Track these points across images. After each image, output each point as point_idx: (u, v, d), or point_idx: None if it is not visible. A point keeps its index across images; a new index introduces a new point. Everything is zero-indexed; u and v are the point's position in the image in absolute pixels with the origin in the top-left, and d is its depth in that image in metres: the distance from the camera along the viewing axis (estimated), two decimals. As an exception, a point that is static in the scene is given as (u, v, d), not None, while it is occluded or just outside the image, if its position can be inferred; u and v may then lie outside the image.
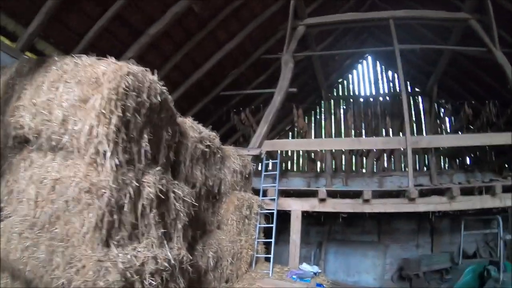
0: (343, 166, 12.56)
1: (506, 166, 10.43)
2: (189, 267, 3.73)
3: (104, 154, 2.61)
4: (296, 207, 7.48)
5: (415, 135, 11.21)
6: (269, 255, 6.60)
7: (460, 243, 6.67)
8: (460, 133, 10.76)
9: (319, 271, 6.72)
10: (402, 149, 11.88)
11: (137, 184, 2.89)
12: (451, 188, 6.92)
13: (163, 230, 3.34)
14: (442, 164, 12.02)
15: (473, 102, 9.80)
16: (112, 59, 2.85)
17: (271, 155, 9.34)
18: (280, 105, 8.32)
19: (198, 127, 4.93)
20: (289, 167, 12.90)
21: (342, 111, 12.98)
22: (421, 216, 10.34)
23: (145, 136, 3.09)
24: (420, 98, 12.72)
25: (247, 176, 6.63)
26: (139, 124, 2.94)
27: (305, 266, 6.77)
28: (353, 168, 12.50)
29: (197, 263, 4.47)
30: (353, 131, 11.86)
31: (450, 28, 9.18)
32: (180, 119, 4.44)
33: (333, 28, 10.11)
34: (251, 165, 6.84)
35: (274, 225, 6.85)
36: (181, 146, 4.44)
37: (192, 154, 4.65)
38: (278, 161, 7.84)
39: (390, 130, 11.61)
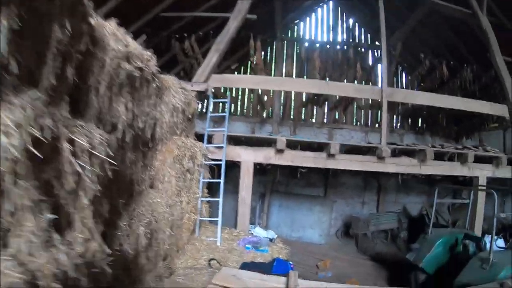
0: (292, 114, 11.41)
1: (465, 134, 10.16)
2: (106, 268, 2.23)
3: None
4: (248, 157, 6.16)
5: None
6: (215, 219, 5.29)
7: (433, 209, 6.04)
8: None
9: (275, 236, 5.63)
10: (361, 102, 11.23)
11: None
12: (424, 150, 6.23)
13: (51, 216, 1.73)
14: (394, 123, 11.47)
15: (451, 62, 8.98)
16: None
17: (215, 94, 7.70)
18: (235, 32, 6.57)
19: (125, 37, 3.11)
20: (232, 110, 11.35)
21: (296, 52, 11.45)
22: (368, 172, 9.93)
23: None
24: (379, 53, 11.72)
25: (190, 116, 5.02)
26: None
27: (259, 231, 5.65)
28: (302, 117, 11.41)
29: (121, 250, 2.96)
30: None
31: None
32: (95, 22, 2.59)
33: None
34: (196, 103, 5.21)
35: (222, 180, 5.49)
36: (93, 62, 2.62)
37: (112, 77, 2.87)
38: (228, 100, 6.28)
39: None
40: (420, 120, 11.44)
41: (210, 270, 4.10)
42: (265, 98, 10.86)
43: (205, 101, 7.50)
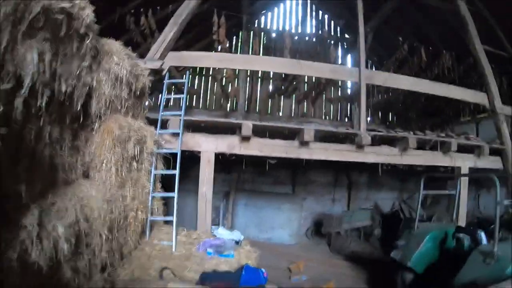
0: (257, 107, 10.67)
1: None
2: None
3: None
4: (208, 146, 5.32)
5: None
6: (170, 218, 4.41)
7: (419, 201, 5.44)
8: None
9: (241, 238, 4.82)
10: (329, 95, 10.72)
11: None
12: (406, 137, 5.72)
13: None
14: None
15: (430, 48, 8.58)
16: None
17: (173, 76, 6.78)
18: (197, 5, 5.73)
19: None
20: (193, 103, 10.42)
21: (263, 42, 10.73)
22: (338, 168, 9.44)
23: None
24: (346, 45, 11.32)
25: (138, 93, 4.10)
26: None
27: (222, 232, 4.79)
28: (269, 110, 10.70)
29: (27, 259, 2.07)
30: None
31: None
32: None
33: None
34: (147, 79, 4.31)
35: (177, 172, 4.61)
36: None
37: (16, 9, 2.05)
38: (186, 80, 5.41)
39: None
40: (391, 114, 11.14)
41: (161, 282, 3.23)
42: (230, 89, 10.04)
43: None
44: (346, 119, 10.87)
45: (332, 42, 11.31)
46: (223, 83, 10.17)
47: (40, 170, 2.39)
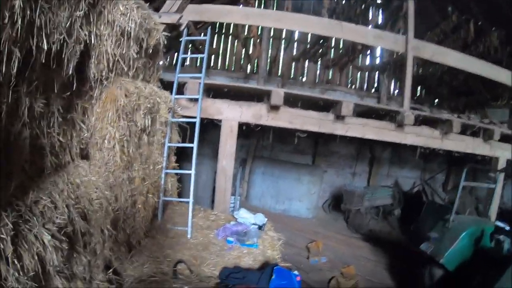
0: (280, 70, 9.76)
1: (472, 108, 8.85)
2: None
3: None
4: (231, 115, 4.69)
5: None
6: (185, 199, 3.86)
7: (458, 193, 4.72)
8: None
9: (265, 221, 4.29)
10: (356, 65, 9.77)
11: None
12: (450, 120, 5.03)
13: None
14: (392, 88, 9.98)
15: (479, 23, 7.43)
16: None
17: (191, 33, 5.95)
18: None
19: None
20: (211, 63, 9.56)
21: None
22: (362, 141, 8.73)
23: None
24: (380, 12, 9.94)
25: (151, 51, 3.37)
26: None
27: (245, 215, 4.24)
28: (291, 74, 9.79)
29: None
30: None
31: None
32: None
33: None
34: (161, 35, 3.56)
35: (195, 145, 3.99)
36: None
37: None
38: (208, 37, 4.61)
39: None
40: (420, 88, 10.12)
41: (176, 282, 2.73)
42: (251, 48, 9.15)
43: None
44: (373, 90, 9.92)
45: (371, 4, 10.01)
46: (246, 43, 9.25)
47: (17, 159, 1.79)
